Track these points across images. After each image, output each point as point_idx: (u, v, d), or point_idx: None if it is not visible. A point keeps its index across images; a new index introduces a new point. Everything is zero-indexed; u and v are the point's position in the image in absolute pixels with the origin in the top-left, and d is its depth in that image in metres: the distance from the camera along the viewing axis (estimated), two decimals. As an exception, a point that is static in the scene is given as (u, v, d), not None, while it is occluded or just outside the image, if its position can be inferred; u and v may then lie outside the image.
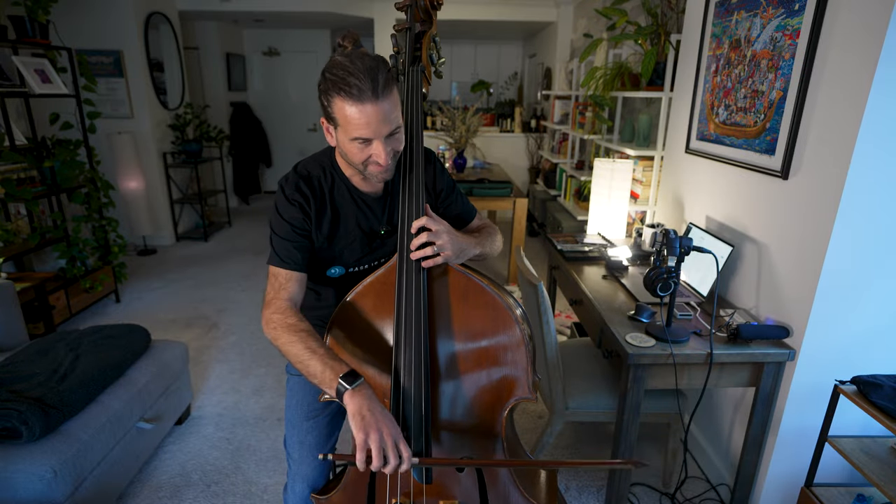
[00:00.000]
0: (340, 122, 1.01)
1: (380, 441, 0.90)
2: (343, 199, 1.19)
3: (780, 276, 1.63)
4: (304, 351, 1.01)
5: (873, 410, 1.32)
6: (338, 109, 1.00)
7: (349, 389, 0.94)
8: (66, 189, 3.17)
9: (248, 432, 2.27)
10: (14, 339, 2.20)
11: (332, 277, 1.24)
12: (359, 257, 1.23)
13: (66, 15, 4.17)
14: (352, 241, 1.20)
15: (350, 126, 1.00)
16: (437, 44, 1.23)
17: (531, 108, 6.82)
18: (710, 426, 2.05)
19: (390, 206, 1.23)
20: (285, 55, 6.85)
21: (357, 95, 0.96)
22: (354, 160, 1.06)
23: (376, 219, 1.22)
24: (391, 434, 0.92)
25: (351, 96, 0.97)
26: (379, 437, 0.90)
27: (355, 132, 1.00)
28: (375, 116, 0.98)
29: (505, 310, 1.07)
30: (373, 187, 1.20)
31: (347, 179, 1.19)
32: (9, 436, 1.53)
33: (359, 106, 0.97)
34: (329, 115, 1.04)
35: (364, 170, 1.08)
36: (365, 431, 0.90)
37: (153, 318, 3.36)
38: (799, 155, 1.55)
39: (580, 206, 3.91)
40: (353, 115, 0.98)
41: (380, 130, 1.00)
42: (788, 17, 1.57)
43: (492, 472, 1.13)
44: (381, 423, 0.91)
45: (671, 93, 2.68)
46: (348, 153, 1.06)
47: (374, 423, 0.91)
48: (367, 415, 0.92)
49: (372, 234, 1.22)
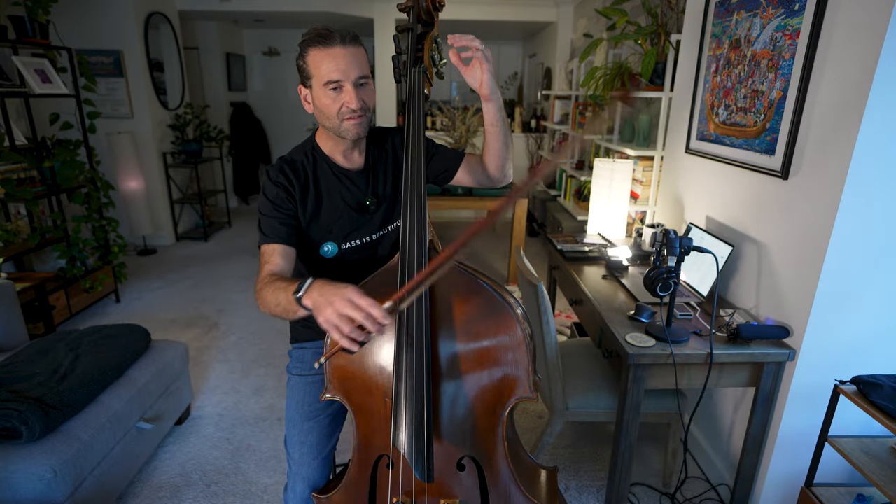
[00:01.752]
0: (313, 72, 1.11)
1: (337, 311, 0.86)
2: (326, 176, 1.24)
3: (780, 276, 1.63)
4: (274, 294, 1.02)
5: (873, 410, 1.32)
6: (311, 60, 1.11)
7: (302, 295, 0.94)
8: (66, 189, 3.17)
9: (248, 432, 2.27)
10: (14, 339, 2.20)
11: (327, 258, 1.26)
12: (348, 232, 1.26)
13: (66, 15, 4.17)
14: (339, 216, 1.24)
15: (321, 72, 1.10)
16: (439, 45, 1.23)
17: (531, 108, 6.82)
18: (710, 426, 2.05)
19: (372, 178, 1.28)
20: (285, 55, 6.85)
21: (326, 41, 1.09)
22: (329, 113, 1.13)
23: (360, 191, 1.26)
24: (342, 299, 0.86)
25: (321, 43, 1.09)
26: (333, 309, 0.86)
27: (326, 76, 1.10)
28: (344, 58, 1.09)
29: (506, 309, 1.07)
30: (353, 163, 1.26)
31: (328, 157, 1.24)
32: (9, 436, 1.53)
33: (328, 49, 1.09)
34: (304, 73, 1.14)
35: (340, 126, 1.14)
36: (321, 313, 0.88)
37: (153, 318, 3.36)
38: (799, 155, 1.55)
39: (580, 206, 3.91)
40: (324, 61, 1.09)
41: (349, 73, 1.10)
42: (788, 17, 1.57)
43: (493, 471, 1.13)
44: (331, 297, 0.88)
45: (671, 93, 2.68)
46: (323, 109, 1.14)
47: (324, 302, 0.88)
48: (319, 300, 0.90)
49: (360, 207, 1.26)
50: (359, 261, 1.29)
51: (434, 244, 1.12)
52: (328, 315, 0.87)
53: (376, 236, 1.30)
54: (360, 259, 1.29)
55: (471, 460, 1.13)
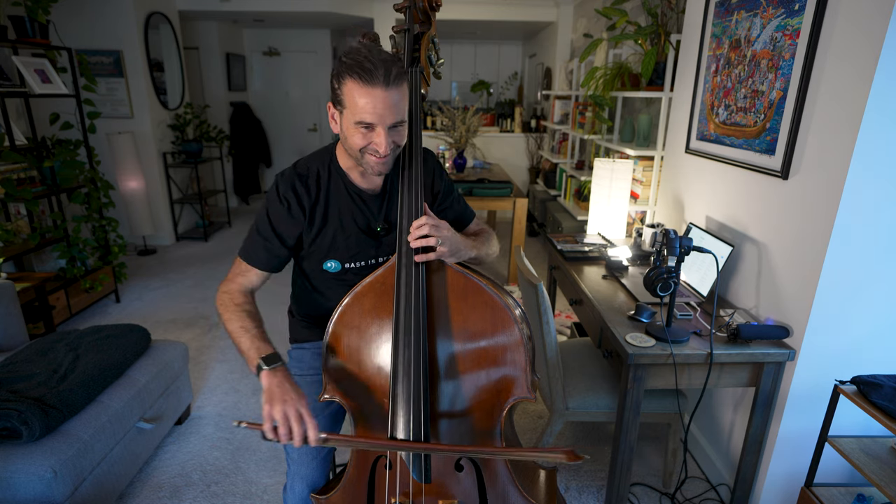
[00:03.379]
0: (347, 104, 1.04)
1: (283, 412, 0.97)
2: (339, 193, 1.21)
3: (780, 276, 1.63)
4: (239, 328, 1.10)
5: (873, 410, 1.32)
6: (347, 91, 1.02)
7: (266, 370, 1.03)
8: (66, 189, 3.17)
9: (248, 432, 2.27)
10: (14, 339, 2.20)
11: (330, 272, 1.25)
12: (354, 253, 1.24)
13: (66, 15, 4.17)
14: (347, 237, 1.22)
15: (356, 108, 1.02)
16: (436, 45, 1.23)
17: (531, 108, 6.81)
18: (710, 426, 2.04)
19: (388, 204, 1.24)
20: (285, 55, 6.85)
21: (368, 79, 0.99)
22: (355, 146, 1.08)
23: (372, 216, 1.23)
24: (295, 406, 0.98)
25: (362, 79, 1.00)
26: (282, 408, 0.97)
27: (360, 115, 1.03)
28: (382, 102, 1.01)
29: (504, 309, 1.07)
30: (370, 184, 1.21)
31: (345, 174, 1.20)
32: (9, 436, 1.53)
33: (368, 89, 1.00)
34: (337, 98, 1.06)
35: (362, 159, 1.10)
36: (270, 403, 0.98)
37: (153, 318, 3.36)
38: (799, 155, 1.55)
39: (580, 206, 3.91)
40: (361, 98, 1.01)
41: (384, 117, 1.03)
42: (788, 17, 1.57)
43: (491, 472, 1.13)
44: (287, 396, 0.99)
45: (671, 93, 2.68)
46: (350, 139, 1.08)
47: (279, 396, 0.99)
48: (275, 390, 1.00)
49: (369, 231, 1.23)
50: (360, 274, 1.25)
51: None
52: (275, 410, 0.97)
53: (383, 260, 1.26)
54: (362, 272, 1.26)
55: (469, 461, 1.13)
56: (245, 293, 1.19)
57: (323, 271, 1.25)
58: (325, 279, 1.28)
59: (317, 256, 1.23)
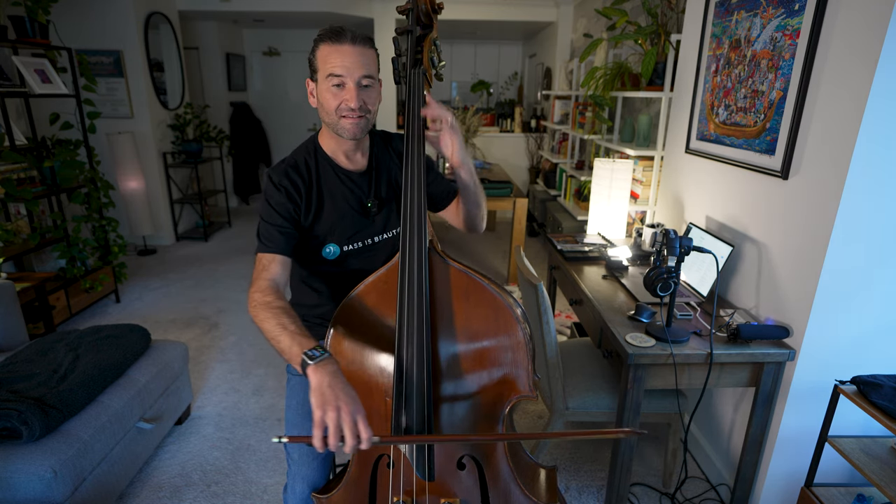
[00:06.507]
0: (319, 65, 1.14)
1: (337, 419, 0.87)
2: (328, 177, 1.24)
3: (780, 276, 1.63)
4: (276, 327, 1.03)
5: (873, 410, 1.32)
6: (320, 55, 1.14)
7: (311, 364, 0.93)
8: (66, 189, 3.17)
9: (248, 432, 2.27)
10: (14, 339, 2.20)
11: (329, 259, 1.26)
12: (351, 234, 1.26)
13: (66, 15, 4.17)
14: (342, 218, 1.25)
15: (327, 64, 1.12)
16: (438, 47, 1.23)
17: (531, 108, 6.82)
18: (710, 426, 2.05)
19: (375, 180, 1.29)
20: (285, 55, 6.85)
21: (336, 38, 1.12)
22: (329, 108, 1.15)
23: (363, 193, 1.27)
24: (349, 412, 0.88)
25: (331, 39, 1.12)
26: (336, 414, 0.87)
27: (331, 69, 1.12)
28: (351, 56, 1.11)
29: (506, 309, 1.07)
30: (356, 164, 1.27)
31: (331, 159, 1.25)
32: (9, 436, 1.53)
33: (336, 46, 1.12)
34: (313, 67, 1.17)
35: (338, 124, 1.16)
36: (322, 408, 0.88)
37: (153, 318, 3.36)
38: (799, 155, 1.55)
39: (580, 206, 3.91)
40: (331, 55, 1.12)
41: (353, 71, 1.12)
42: (788, 17, 1.57)
43: (493, 470, 1.13)
44: (340, 401, 0.88)
45: (671, 93, 2.68)
46: (324, 103, 1.16)
47: (332, 400, 0.88)
48: (326, 391, 0.89)
49: (362, 209, 1.27)
50: (360, 263, 1.28)
51: (434, 244, 1.11)
52: (329, 415, 0.87)
53: (378, 239, 1.30)
54: (362, 261, 1.29)
55: (471, 459, 1.13)
56: (273, 289, 1.12)
57: (321, 260, 1.26)
58: (323, 271, 1.29)
59: (315, 243, 1.25)
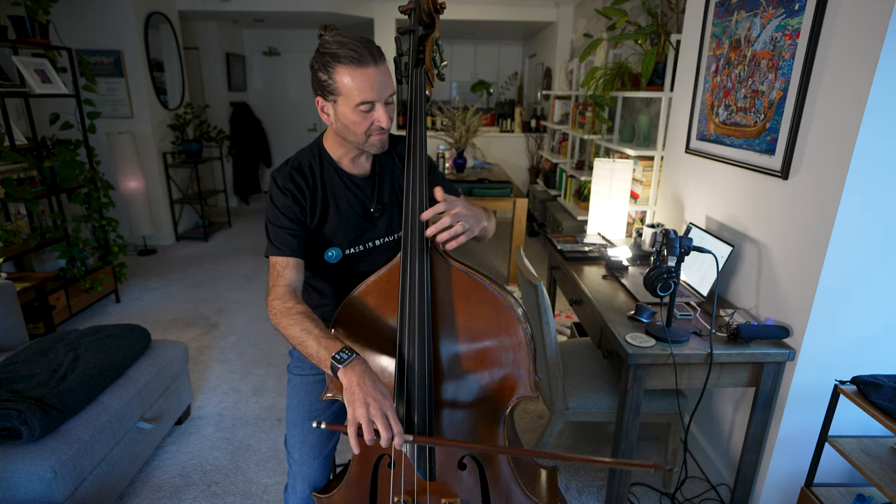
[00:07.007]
0: (343, 91, 1.06)
1: (368, 414, 0.91)
2: (332, 181, 1.23)
3: (780, 276, 1.64)
4: (300, 332, 1.04)
5: (873, 410, 1.32)
6: (340, 78, 1.05)
7: (341, 367, 0.96)
8: (66, 189, 3.17)
9: (248, 432, 2.27)
10: (14, 339, 2.20)
11: (331, 263, 1.26)
12: (353, 238, 1.26)
13: (66, 15, 4.17)
14: (345, 222, 1.24)
15: (355, 91, 1.05)
16: (440, 47, 1.23)
17: (531, 108, 6.82)
18: (710, 426, 2.05)
19: (378, 185, 1.28)
20: (285, 55, 6.85)
21: (359, 60, 1.04)
22: (357, 130, 1.11)
23: (366, 198, 1.26)
24: (380, 407, 0.92)
25: (353, 62, 1.03)
26: (366, 410, 0.91)
27: (361, 96, 1.06)
28: (376, 78, 1.06)
29: (507, 309, 1.07)
30: (360, 169, 1.26)
31: (336, 163, 1.24)
32: (9, 436, 1.53)
33: (362, 69, 1.04)
34: (328, 89, 1.08)
35: (365, 141, 1.13)
36: (352, 406, 0.92)
37: (153, 318, 3.36)
38: (799, 155, 1.55)
39: (580, 206, 3.91)
40: (358, 79, 1.04)
41: (382, 93, 1.08)
42: (788, 17, 1.57)
43: (494, 470, 1.14)
44: (370, 397, 0.92)
45: (671, 93, 2.68)
46: (351, 125, 1.11)
47: (362, 398, 0.92)
48: (356, 390, 0.93)
49: (365, 214, 1.26)
50: (362, 266, 1.28)
51: (435, 245, 1.11)
52: (360, 413, 0.91)
53: (380, 242, 1.29)
54: (363, 264, 1.28)
55: (472, 459, 1.13)
56: (291, 294, 1.13)
57: (323, 264, 1.26)
58: (324, 274, 1.29)
59: (318, 246, 1.25)
